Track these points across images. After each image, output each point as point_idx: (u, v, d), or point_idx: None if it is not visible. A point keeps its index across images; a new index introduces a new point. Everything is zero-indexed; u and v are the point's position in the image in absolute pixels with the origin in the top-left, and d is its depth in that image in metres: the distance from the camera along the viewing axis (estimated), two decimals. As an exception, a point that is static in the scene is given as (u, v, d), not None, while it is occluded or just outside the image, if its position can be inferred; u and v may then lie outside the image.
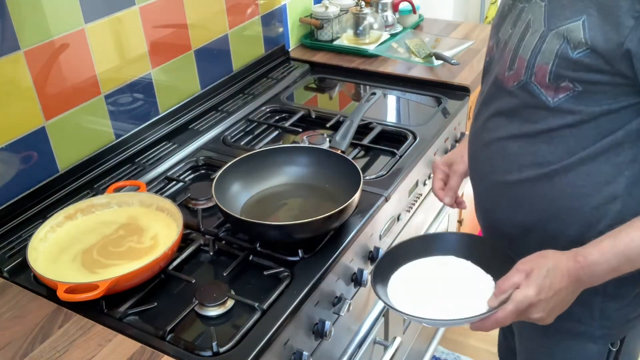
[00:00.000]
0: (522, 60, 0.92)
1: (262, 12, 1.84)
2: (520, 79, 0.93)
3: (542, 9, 0.90)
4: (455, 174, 1.19)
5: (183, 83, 1.62)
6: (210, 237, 1.17)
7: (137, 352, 0.93)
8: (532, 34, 0.90)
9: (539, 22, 0.90)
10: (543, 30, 0.89)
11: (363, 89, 1.85)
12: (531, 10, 0.92)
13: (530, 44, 0.90)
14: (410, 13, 2.14)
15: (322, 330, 1.10)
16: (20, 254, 1.13)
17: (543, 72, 0.89)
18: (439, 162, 1.22)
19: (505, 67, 0.96)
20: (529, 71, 0.91)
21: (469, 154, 1.12)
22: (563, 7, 0.87)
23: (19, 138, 1.23)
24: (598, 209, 0.93)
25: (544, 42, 0.88)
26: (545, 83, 0.89)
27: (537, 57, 0.89)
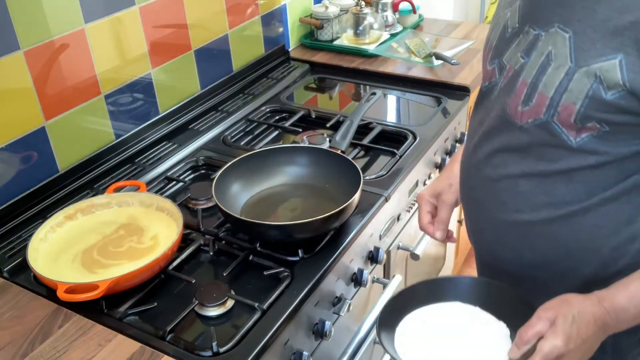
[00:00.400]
0: (542, 97, 0.83)
1: (262, 12, 1.84)
2: (539, 117, 0.84)
3: (567, 42, 0.80)
4: (444, 205, 1.08)
5: (183, 83, 1.62)
6: (210, 237, 1.17)
7: (137, 352, 0.93)
8: (556, 69, 0.81)
9: (564, 56, 0.80)
10: (570, 66, 0.79)
11: (363, 89, 1.85)
12: (551, 40, 0.82)
13: (553, 81, 0.81)
14: (410, 13, 2.14)
15: (322, 330, 1.10)
16: (20, 254, 1.13)
17: (569, 112, 0.80)
18: (424, 193, 1.10)
19: (517, 101, 0.86)
20: (552, 110, 0.82)
21: (466, 187, 1.02)
22: (593, 41, 0.77)
23: (19, 138, 1.23)
24: (617, 249, 0.87)
25: (571, 80, 0.79)
26: (570, 123, 0.81)
27: (562, 96, 0.81)
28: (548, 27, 0.83)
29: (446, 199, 1.08)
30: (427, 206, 1.09)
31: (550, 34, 0.82)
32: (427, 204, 1.09)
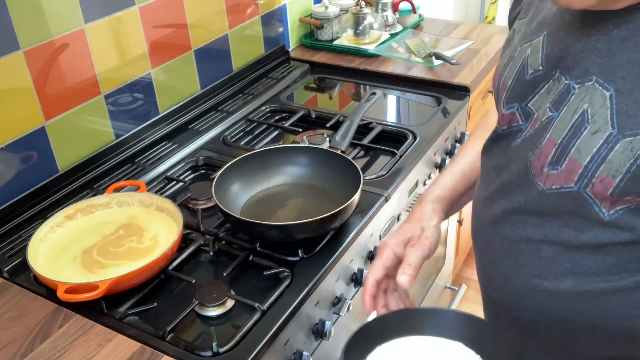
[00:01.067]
0: (575, 163, 0.70)
1: (262, 12, 1.84)
2: (568, 185, 0.72)
3: (607, 102, 0.67)
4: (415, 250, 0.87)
5: (183, 83, 1.62)
6: (210, 237, 1.17)
7: (137, 352, 0.93)
8: (593, 133, 0.68)
9: (604, 120, 0.67)
10: (611, 132, 0.67)
11: (363, 89, 1.85)
12: (587, 97, 0.69)
13: (589, 147, 0.69)
14: (410, 13, 2.14)
15: (322, 330, 1.10)
16: (20, 254, 1.13)
17: (605, 185, 0.68)
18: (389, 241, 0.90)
19: (544, 161, 0.74)
20: (585, 180, 0.70)
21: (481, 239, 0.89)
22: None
23: (19, 138, 1.23)
24: None
25: (612, 150, 0.67)
26: (604, 196, 0.69)
27: (600, 167, 0.68)
28: (583, 80, 0.70)
29: (417, 244, 0.88)
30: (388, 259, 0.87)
31: (587, 89, 0.69)
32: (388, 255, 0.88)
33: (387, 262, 0.87)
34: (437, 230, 0.91)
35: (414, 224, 0.91)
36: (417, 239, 0.88)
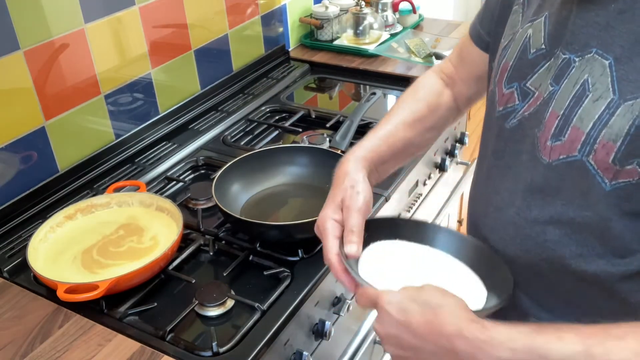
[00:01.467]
0: (577, 132, 0.72)
1: (262, 12, 1.84)
2: (572, 154, 0.73)
3: (607, 70, 0.69)
4: (351, 211, 0.83)
5: (183, 83, 1.62)
6: (210, 237, 1.17)
7: (137, 352, 0.93)
8: (595, 101, 0.70)
9: (605, 87, 0.69)
10: (612, 98, 0.69)
11: (363, 89, 1.85)
12: (587, 68, 0.72)
13: (591, 114, 0.70)
14: (410, 13, 2.14)
15: (322, 330, 1.10)
16: (20, 254, 1.13)
17: (607, 150, 0.69)
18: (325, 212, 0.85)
19: (547, 134, 0.75)
20: (588, 147, 0.71)
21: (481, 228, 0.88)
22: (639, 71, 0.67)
23: (19, 138, 1.23)
24: None
25: (614, 115, 0.68)
26: (607, 164, 0.70)
27: (601, 132, 0.69)
28: (584, 52, 0.72)
29: (351, 203, 0.83)
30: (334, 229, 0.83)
31: (587, 60, 0.72)
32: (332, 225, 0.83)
33: (336, 232, 0.83)
34: (366, 182, 0.87)
35: (341, 186, 0.87)
36: (349, 199, 0.84)
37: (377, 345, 1.43)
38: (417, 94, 1.04)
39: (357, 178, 0.87)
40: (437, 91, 1.05)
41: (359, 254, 0.82)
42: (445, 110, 1.05)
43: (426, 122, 1.02)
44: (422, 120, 1.01)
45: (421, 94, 1.04)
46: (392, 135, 0.98)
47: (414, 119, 1.00)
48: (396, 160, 1.00)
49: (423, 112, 1.01)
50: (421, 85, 1.07)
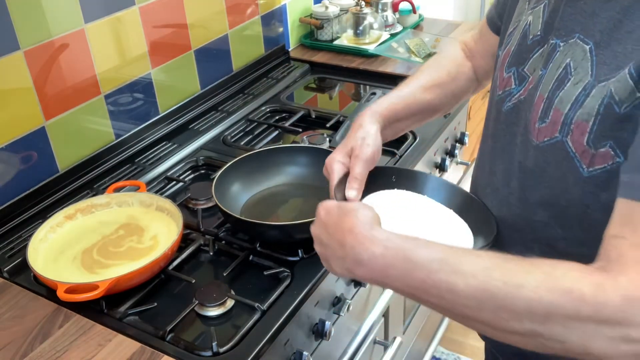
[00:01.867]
0: (558, 113, 0.76)
1: (262, 12, 1.84)
2: (554, 135, 0.77)
3: (587, 55, 0.73)
4: (358, 160, 0.90)
5: (183, 83, 1.62)
6: (210, 237, 1.17)
7: (137, 352, 0.93)
8: (575, 84, 0.74)
9: (584, 70, 0.73)
10: (589, 81, 0.73)
11: (363, 89, 1.85)
12: (570, 52, 0.76)
13: (569, 96, 0.74)
14: (410, 13, 2.14)
15: (322, 330, 1.10)
16: (20, 254, 1.13)
17: (582, 130, 0.73)
18: (334, 155, 0.93)
19: (535, 117, 0.79)
20: (566, 127, 0.75)
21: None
22: (616, 55, 0.70)
23: (19, 138, 1.23)
24: None
25: (589, 96, 0.72)
26: (582, 146, 0.74)
27: (576, 112, 0.74)
28: (568, 38, 0.76)
29: (360, 153, 0.90)
30: (340, 170, 0.91)
31: (570, 45, 0.76)
32: (339, 167, 0.92)
33: (341, 173, 0.92)
34: (377, 136, 0.94)
35: (354, 135, 0.93)
36: (359, 148, 0.91)
37: (377, 345, 1.43)
38: (439, 62, 1.12)
39: (370, 131, 0.93)
40: (458, 61, 1.11)
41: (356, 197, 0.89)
42: (464, 80, 1.10)
43: (445, 88, 1.08)
44: (441, 85, 1.07)
45: (443, 62, 1.11)
46: (409, 97, 1.05)
47: (433, 84, 1.06)
48: (411, 120, 1.06)
49: (443, 78, 1.08)
50: (444, 55, 1.14)
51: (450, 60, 1.12)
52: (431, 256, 0.68)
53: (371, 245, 0.71)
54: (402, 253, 0.69)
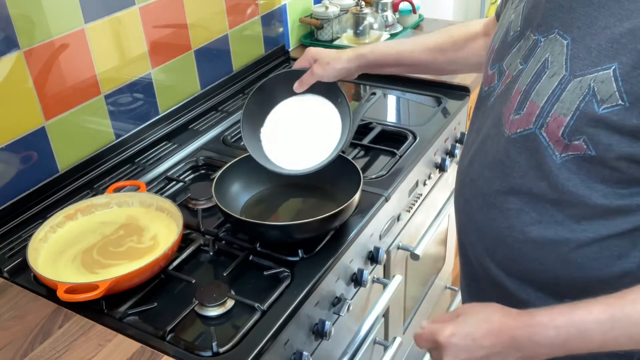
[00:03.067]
0: (533, 106, 0.78)
1: (262, 12, 1.84)
2: (528, 127, 0.80)
3: (564, 49, 0.76)
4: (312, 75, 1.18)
5: (183, 83, 1.62)
6: (210, 237, 1.17)
7: (137, 352, 0.93)
8: (550, 77, 0.77)
9: (559, 64, 0.76)
10: (564, 75, 0.75)
11: (363, 89, 1.85)
12: (549, 47, 0.78)
13: (546, 89, 0.77)
14: (410, 13, 2.14)
15: (322, 330, 1.10)
16: (20, 254, 1.13)
17: (558, 124, 0.76)
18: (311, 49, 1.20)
19: (511, 109, 0.82)
20: (541, 120, 0.78)
21: (461, 198, 0.98)
22: (590, 50, 0.73)
23: (19, 138, 1.23)
24: (607, 282, 0.82)
25: (565, 90, 0.75)
26: (557, 137, 0.76)
27: (553, 106, 0.76)
28: (548, 33, 0.79)
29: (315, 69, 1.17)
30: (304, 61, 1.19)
31: (550, 40, 0.78)
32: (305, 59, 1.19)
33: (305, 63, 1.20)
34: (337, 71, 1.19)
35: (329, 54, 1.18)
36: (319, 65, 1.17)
37: (377, 345, 1.43)
38: (451, 31, 1.20)
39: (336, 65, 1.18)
40: (470, 35, 1.18)
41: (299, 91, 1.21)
42: (471, 54, 1.18)
43: (446, 55, 1.18)
44: (443, 51, 1.18)
45: (455, 32, 1.19)
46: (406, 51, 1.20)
47: (435, 47, 1.18)
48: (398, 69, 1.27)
49: (446, 46, 1.18)
50: (462, 25, 1.22)
51: (463, 32, 1.18)
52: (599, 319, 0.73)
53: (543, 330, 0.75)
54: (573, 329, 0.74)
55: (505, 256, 0.90)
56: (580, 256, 0.82)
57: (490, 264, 0.93)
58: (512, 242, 0.88)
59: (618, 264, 0.82)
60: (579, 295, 0.81)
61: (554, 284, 0.87)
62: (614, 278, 0.82)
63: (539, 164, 0.80)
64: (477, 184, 0.91)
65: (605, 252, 0.81)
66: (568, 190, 0.79)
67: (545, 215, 0.83)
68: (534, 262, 0.87)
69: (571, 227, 0.81)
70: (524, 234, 0.85)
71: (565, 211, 0.81)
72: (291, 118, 1.23)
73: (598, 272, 0.83)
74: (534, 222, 0.84)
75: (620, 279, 0.82)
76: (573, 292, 0.83)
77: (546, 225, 0.83)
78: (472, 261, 0.99)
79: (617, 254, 0.81)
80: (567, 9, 0.77)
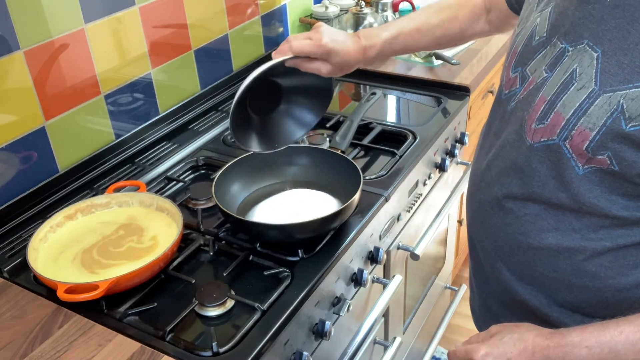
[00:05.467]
0: (559, 117, 0.77)
1: (262, 12, 1.84)
2: (551, 138, 0.78)
3: (594, 62, 0.74)
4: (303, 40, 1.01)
5: (183, 83, 1.62)
6: (210, 237, 1.17)
7: (137, 352, 0.93)
8: (578, 90, 0.75)
9: (588, 77, 0.74)
10: (593, 89, 0.74)
11: (363, 89, 1.85)
12: (577, 58, 0.76)
13: (573, 101, 0.76)
14: (410, 13, 2.14)
15: (322, 330, 1.10)
16: (20, 254, 1.13)
17: (583, 137, 0.75)
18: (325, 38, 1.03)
19: (533, 117, 0.81)
20: (566, 132, 0.76)
21: (475, 200, 0.97)
22: (622, 65, 0.71)
23: (19, 138, 1.23)
24: (621, 292, 0.83)
25: (593, 104, 0.73)
26: (581, 150, 0.76)
27: (579, 119, 0.75)
28: (577, 43, 0.77)
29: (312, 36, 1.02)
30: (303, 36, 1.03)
31: (578, 51, 0.76)
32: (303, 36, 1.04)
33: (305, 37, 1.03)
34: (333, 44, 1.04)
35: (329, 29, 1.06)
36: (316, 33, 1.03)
37: (377, 345, 1.43)
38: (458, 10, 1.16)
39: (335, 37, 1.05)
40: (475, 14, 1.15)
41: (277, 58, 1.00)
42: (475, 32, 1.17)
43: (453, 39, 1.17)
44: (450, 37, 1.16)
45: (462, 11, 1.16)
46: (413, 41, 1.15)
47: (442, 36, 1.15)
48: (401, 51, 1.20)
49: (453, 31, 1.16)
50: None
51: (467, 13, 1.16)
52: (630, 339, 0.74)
53: (575, 349, 0.76)
54: (606, 348, 0.75)
55: (518, 261, 0.90)
56: (595, 265, 0.82)
57: (502, 268, 0.93)
58: (527, 248, 0.87)
59: (633, 274, 0.81)
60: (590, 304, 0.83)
61: (566, 291, 0.86)
62: (627, 288, 0.82)
63: (560, 174, 0.79)
64: (494, 188, 0.90)
65: (621, 261, 0.81)
66: (588, 201, 0.78)
67: (563, 223, 0.82)
68: (548, 269, 0.86)
69: (588, 235, 0.81)
70: (539, 241, 0.85)
71: (584, 220, 0.80)
72: None
73: (612, 281, 0.82)
74: (550, 229, 0.83)
75: (634, 289, 0.82)
76: (585, 301, 0.84)
77: (563, 232, 0.82)
78: (483, 263, 0.98)
79: (633, 263, 0.80)
80: (598, 19, 0.75)
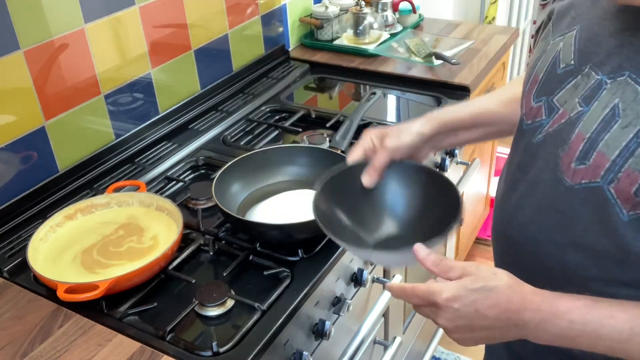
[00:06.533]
0: (602, 158, 0.70)
1: (262, 12, 1.84)
2: (595, 180, 0.71)
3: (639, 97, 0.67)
4: (384, 150, 0.94)
5: (183, 83, 1.62)
6: (210, 237, 1.17)
7: (137, 352, 0.93)
8: (623, 128, 0.68)
9: (635, 114, 0.67)
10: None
11: (363, 88, 1.85)
12: (618, 91, 0.69)
13: (617, 141, 0.68)
14: (410, 13, 2.14)
15: (322, 330, 1.10)
16: (20, 254, 1.13)
17: (632, 180, 0.67)
18: (371, 130, 0.97)
19: (572, 156, 0.73)
20: (611, 175, 0.69)
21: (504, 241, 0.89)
22: None
23: (19, 138, 1.23)
24: None
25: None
26: (628, 194, 0.68)
27: (627, 161, 0.67)
28: (616, 75, 0.70)
29: (388, 143, 0.94)
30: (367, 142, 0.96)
31: (619, 84, 0.69)
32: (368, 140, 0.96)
33: (366, 145, 0.96)
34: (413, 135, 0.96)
35: (398, 126, 0.98)
36: (390, 138, 0.95)
37: (377, 345, 1.43)
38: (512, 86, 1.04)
39: (411, 129, 0.96)
40: None
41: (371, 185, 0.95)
42: None
43: None
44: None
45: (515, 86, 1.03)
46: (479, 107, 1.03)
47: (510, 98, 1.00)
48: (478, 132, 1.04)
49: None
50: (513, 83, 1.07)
51: None
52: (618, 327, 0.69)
53: (556, 319, 0.71)
54: (589, 327, 0.70)
55: None
56: None
57: None
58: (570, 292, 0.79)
59: None
60: None
61: None
62: None
63: (603, 219, 0.72)
64: (529, 228, 0.82)
65: None
66: (634, 250, 0.71)
67: (607, 274, 0.75)
68: None
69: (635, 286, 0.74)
70: (585, 287, 0.76)
71: (629, 272, 0.73)
72: None
73: None
74: (594, 278, 0.76)
75: None
76: None
77: (607, 282, 0.76)
78: None
79: None
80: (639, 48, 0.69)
